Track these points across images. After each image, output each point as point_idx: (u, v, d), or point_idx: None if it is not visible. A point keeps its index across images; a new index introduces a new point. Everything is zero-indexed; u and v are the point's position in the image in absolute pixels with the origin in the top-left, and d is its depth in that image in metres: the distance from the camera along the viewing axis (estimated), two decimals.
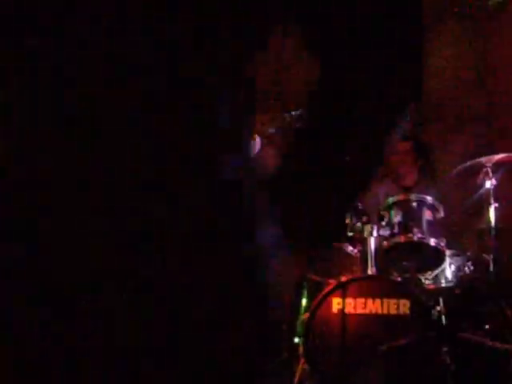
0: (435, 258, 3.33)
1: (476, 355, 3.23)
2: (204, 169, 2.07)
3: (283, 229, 3.36)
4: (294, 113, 3.51)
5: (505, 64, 4.46)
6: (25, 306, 1.81)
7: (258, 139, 3.45)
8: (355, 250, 3.36)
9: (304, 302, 3.63)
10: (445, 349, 3.08)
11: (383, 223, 3.30)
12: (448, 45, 4.82)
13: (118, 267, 1.91)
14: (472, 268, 3.59)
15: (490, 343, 3.11)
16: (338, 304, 3.06)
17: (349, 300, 3.06)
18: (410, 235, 3.24)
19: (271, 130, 3.51)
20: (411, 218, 3.30)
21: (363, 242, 3.28)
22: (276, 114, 3.73)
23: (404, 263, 3.38)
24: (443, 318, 3.49)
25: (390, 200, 3.37)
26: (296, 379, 3.18)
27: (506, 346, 2.99)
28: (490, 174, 3.40)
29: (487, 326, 3.44)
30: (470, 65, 4.73)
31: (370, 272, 3.20)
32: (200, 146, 2.06)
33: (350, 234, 3.30)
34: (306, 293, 3.66)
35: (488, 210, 3.41)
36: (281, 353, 3.74)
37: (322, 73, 4.71)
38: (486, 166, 3.39)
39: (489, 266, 3.44)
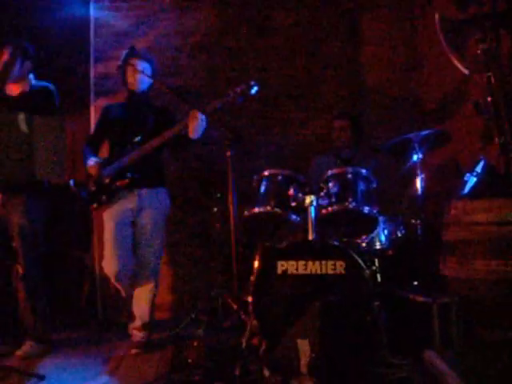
0: (369, 224, 3.58)
1: (403, 308, 3.59)
2: None
3: None
4: (237, 88, 3.56)
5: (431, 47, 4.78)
6: None
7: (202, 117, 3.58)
8: (298, 218, 3.58)
9: (256, 264, 3.96)
10: (377, 303, 3.43)
11: (322, 194, 3.54)
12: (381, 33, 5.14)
13: None
14: (403, 231, 3.98)
15: (414, 297, 3.44)
16: (282, 266, 3.34)
17: (291, 262, 3.31)
18: (346, 204, 3.48)
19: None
20: (347, 189, 3.53)
21: (304, 210, 3.51)
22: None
23: (341, 229, 3.67)
24: (378, 276, 3.89)
25: (329, 173, 3.61)
26: (247, 333, 3.46)
27: (427, 299, 3.30)
28: (417, 148, 3.76)
29: (415, 283, 3.85)
30: (401, 50, 5.05)
31: (310, 237, 3.45)
32: None
33: (293, 203, 3.53)
34: (257, 256, 3.99)
35: (416, 180, 3.76)
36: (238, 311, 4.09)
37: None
38: (414, 141, 3.72)
39: (417, 229, 3.83)
